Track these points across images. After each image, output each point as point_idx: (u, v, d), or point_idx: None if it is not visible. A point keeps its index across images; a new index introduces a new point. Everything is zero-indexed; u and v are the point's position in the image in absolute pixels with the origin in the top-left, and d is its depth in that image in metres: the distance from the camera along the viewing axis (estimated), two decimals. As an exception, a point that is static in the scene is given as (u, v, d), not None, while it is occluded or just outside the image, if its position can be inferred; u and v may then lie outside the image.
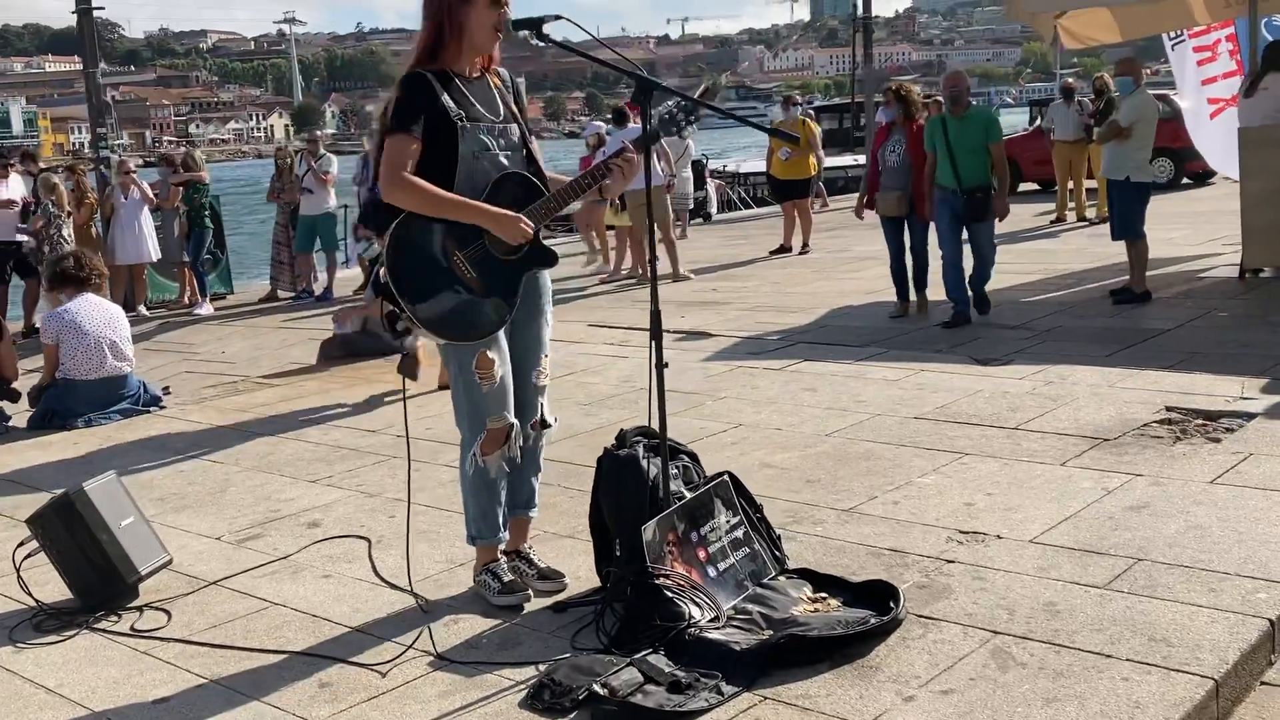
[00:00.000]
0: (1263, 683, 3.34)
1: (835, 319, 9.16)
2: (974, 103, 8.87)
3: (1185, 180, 18.14)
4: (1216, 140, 11.94)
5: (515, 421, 3.92)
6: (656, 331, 3.72)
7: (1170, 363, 6.77)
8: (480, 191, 3.75)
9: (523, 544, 4.15)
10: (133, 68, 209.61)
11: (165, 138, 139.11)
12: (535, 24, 3.73)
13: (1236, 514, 4.32)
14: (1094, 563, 3.97)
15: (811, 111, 20.50)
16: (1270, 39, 10.86)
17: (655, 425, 3.85)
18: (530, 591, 3.98)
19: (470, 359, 3.80)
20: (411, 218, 3.73)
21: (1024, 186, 19.93)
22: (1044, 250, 12.50)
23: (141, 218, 12.63)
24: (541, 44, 3.83)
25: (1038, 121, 22.57)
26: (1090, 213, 14.86)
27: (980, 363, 7.13)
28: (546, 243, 3.96)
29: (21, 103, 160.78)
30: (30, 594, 4.23)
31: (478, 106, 3.80)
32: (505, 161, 3.83)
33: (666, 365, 3.77)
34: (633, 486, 3.81)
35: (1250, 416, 5.56)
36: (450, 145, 3.73)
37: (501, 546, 4.06)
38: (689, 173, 16.89)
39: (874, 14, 25.32)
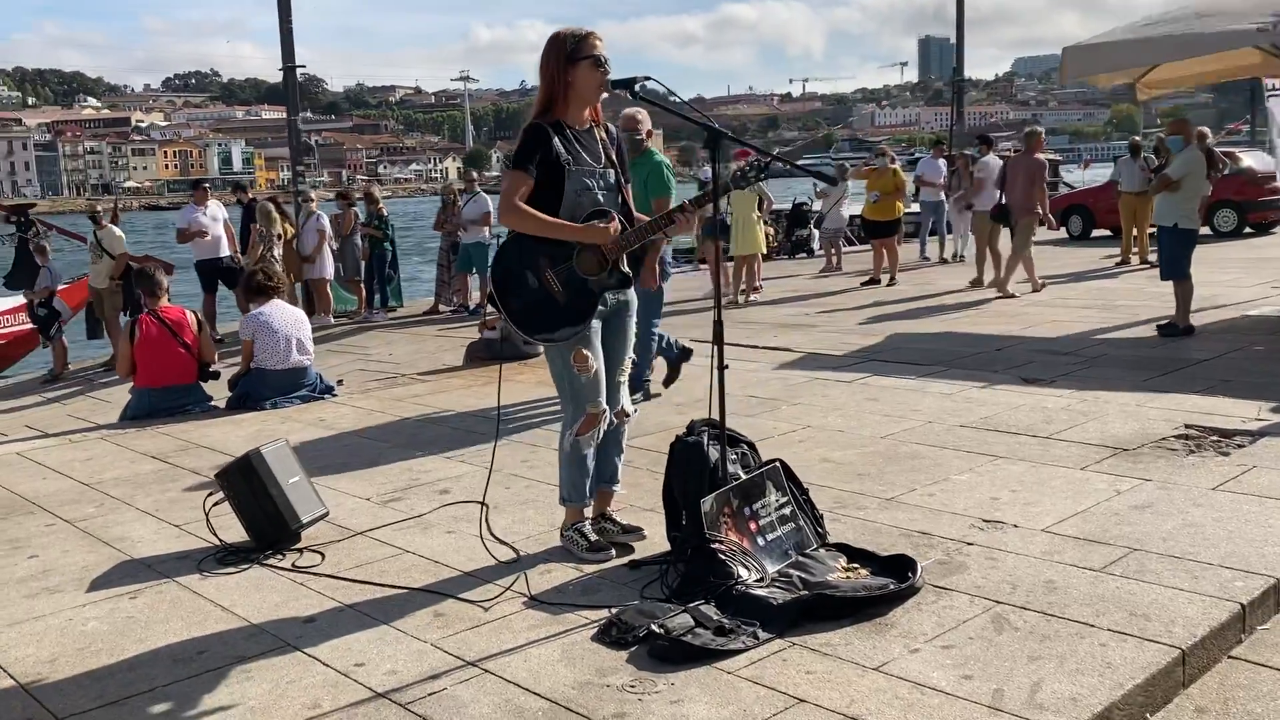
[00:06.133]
0: (1230, 656, 3.36)
1: (908, 342, 9.17)
2: (650, 148, 6.48)
3: (1247, 230, 17.57)
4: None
5: (607, 408, 4.16)
6: (719, 338, 3.92)
7: (1199, 388, 6.67)
8: (578, 221, 4.02)
9: (606, 509, 4.38)
10: (333, 117, 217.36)
11: (358, 176, 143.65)
12: (629, 83, 3.98)
13: (1230, 516, 4.30)
14: (1094, 550, 4.01)
15: (898, 161, 20.22)
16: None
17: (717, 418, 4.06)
18: (613, 550, 4.20)
19: (569, 355, 4.06)
20: (514, 240, 4.02)
21: (1096, 232, 19.53)
22: (1104, 289, 12.28)
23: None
24: (631, 98, 4.07)
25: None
26: (1152, 256, 14.52)
27: (1027, 382, 7.12)
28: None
29: (241, 144, 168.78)
30: (216, 535, 4.62)
31: (583, 154, 4.05)
32: (602, 199, 4.08)
33: (727, 367, 3.95)
34: (696, 467, 3.98)
35: (1261, 435, 5.48)
36: (558, 183, 4.00)
37: (587, 511, 4.30)
38: (845, 210, 16.69)
39: (975, 78, 25.16)
